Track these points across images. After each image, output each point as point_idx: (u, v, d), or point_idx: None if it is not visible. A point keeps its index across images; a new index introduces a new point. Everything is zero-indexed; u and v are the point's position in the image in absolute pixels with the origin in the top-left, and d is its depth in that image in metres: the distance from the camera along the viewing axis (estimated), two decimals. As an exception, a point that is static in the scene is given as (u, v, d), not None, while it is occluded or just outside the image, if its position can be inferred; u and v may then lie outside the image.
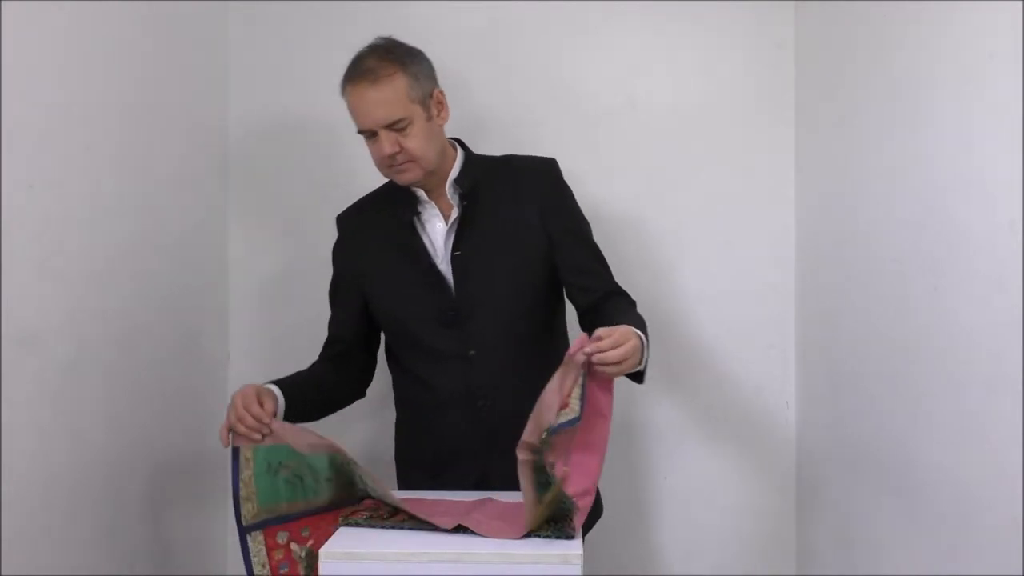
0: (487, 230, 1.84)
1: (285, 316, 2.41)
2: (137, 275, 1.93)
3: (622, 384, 1.88)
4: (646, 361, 1.65)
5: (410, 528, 1.59)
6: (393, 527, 1.60)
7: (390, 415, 2.02)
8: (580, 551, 1.51)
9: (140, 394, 1.92)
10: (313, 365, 1.91)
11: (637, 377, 1.68)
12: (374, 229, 1.90)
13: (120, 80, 1.87)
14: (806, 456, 2.36)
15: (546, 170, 1.90)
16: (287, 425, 1.69)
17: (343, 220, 1.97)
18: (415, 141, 1.77)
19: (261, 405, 1.64)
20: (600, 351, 1.52)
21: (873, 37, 1.91)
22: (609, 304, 1.82)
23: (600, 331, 1.55)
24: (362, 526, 1.62)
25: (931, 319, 1.65)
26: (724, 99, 2.38)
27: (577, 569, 1.48)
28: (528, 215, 1.85)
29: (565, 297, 1.93)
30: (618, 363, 1.54)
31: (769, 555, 2.41)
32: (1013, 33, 1.38)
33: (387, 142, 1.75)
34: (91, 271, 1.77)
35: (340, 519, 1.64)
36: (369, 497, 1.71)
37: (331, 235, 2.36)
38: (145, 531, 1.94)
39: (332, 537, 1.59)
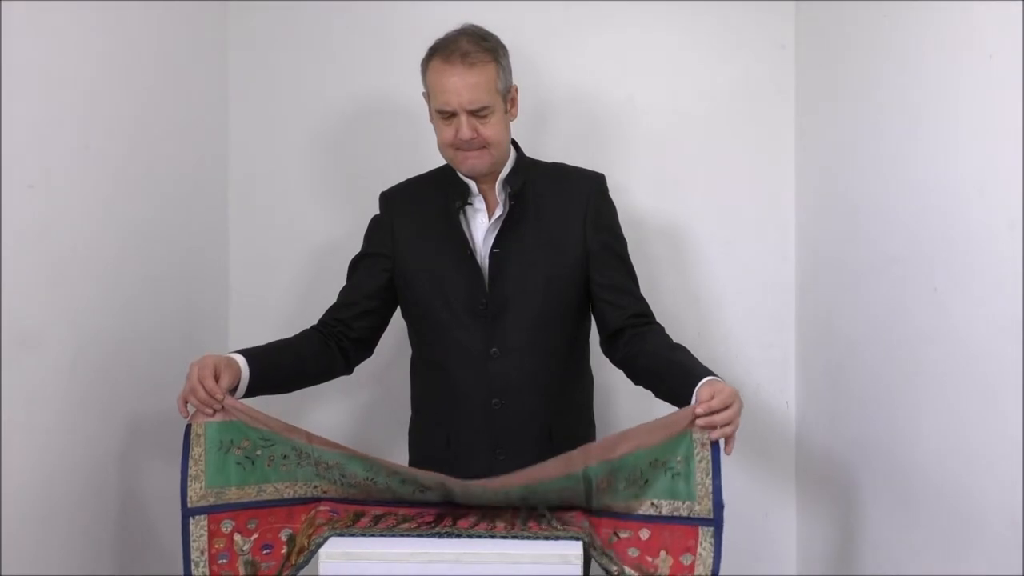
0: (529, 233, 1.84)
1: (286, 317, 2.41)
2: (137, 275, 1.93)
3: (619, 377, 1.89)
4: None
5: (382, 534, 1.59)
6: (365, 534, 1.60)
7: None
8: (580, 551, 1.51)
9: (140, 394, 1.92)
10: (302, 332, 1.88)
11: None
12: (418, 211, 1.91)
13: (120, 80, 1.87)
14: (806, 456, 2.36)
15: (594, 184, 1.91)
16: (241, 404, 1.66)
17: (388, 197, 1.96)
18: (492, 130, 1.79)
19: (217, 379, 1.61)
20: (711, 411, 1.56)
21: (873, 37, 1.91)
22: (654, 336, 1.83)
23: (704, 391, 1.59)
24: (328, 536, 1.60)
25: (931, 319, 1.65)
26: (724, 99, 2.38)
27: (577, 569, 1.48)
28: (571, 225, 1.86)
29: (591, 316, 1.94)
30: (727, 425, 1.58)
31: (769, 555, 2.41)
32: (1013, 33, 1.38)
33: (467, 126, 1.76)
34: (91, 271, 1.77)
35: (308, 541, 1.63)
36: (322, 499, 1.68)
37: (332, 235, 2.38)
38: (146, 531, 1.94)
39: (332, 539, 1.59)
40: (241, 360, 1.70)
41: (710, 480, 1.58)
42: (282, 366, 1.78)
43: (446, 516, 1.62)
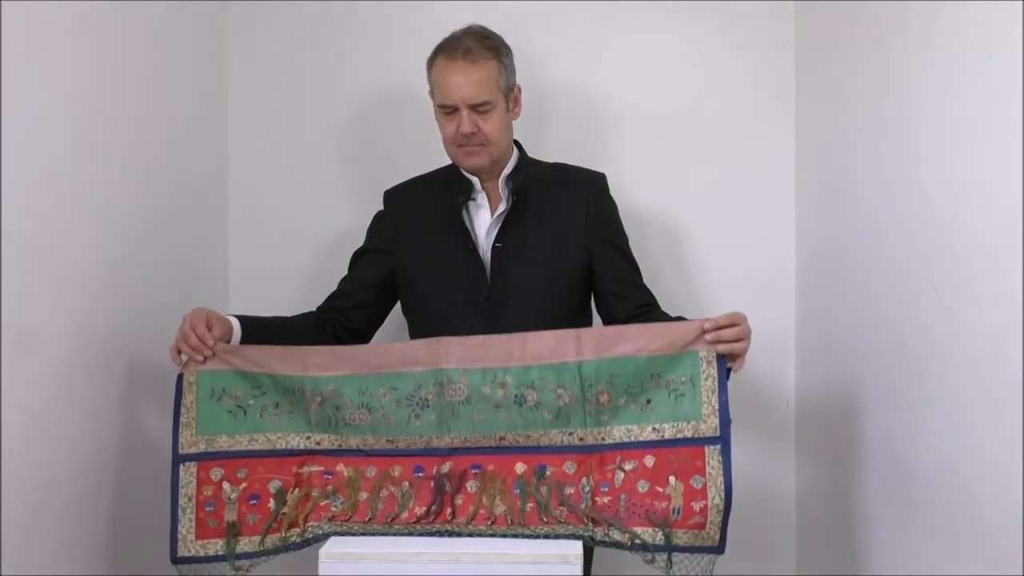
0: (531, 229, 1.87)
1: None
2: (137, 275, 1.93)
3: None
4: None
5: (382, 533, 1.60)
6: (365, 532, 1.61)
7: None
8: (580, 551, 1.51)
9: (140, 394, 1.92)
10: (301, 313, 1.92)
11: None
12: (422, 208, 1.93)
13: (120, 80, 1.87)
14: (806, 456, 2.36)
15: (595, 183, 1.94)
16: (232, 347, 1.70)
17: (391, 195, 1.99)
18: (492, 126, 1.82)
19: (210, 328, 1.67)
20: (719, 326, 1.60)
21: (873, 37, 1.91)
22: (659, 315, 1.85)
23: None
24: (327, 533, 1.63)
25: (931, 319, 1.65)
26: (724, 99, 2.38)
27: (577, 569, 1.49)
28: (573, 223, 1.88)
29: (594, 312, 1.96)
30: (737, 340, 1.62)
31: (769, 555, 2.41)
32: (1013, 33, 1.38)
33: (468, 121, 1.80)
34: (91, 271, 1.77)
35: (305, 526, 1.64)
36: (315, 453, 1.69)
37: (332, 235, 2.38)
38: (147, 530, 1.94)
39: (332, 539, 1.59)
40: (235, 321, 1.75)
41: (716, 397, 1.58)
42: (274, 338, 1.80)
43: (445, 505, 1.62)
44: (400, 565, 1.50)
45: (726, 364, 1.63)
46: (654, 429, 1.61)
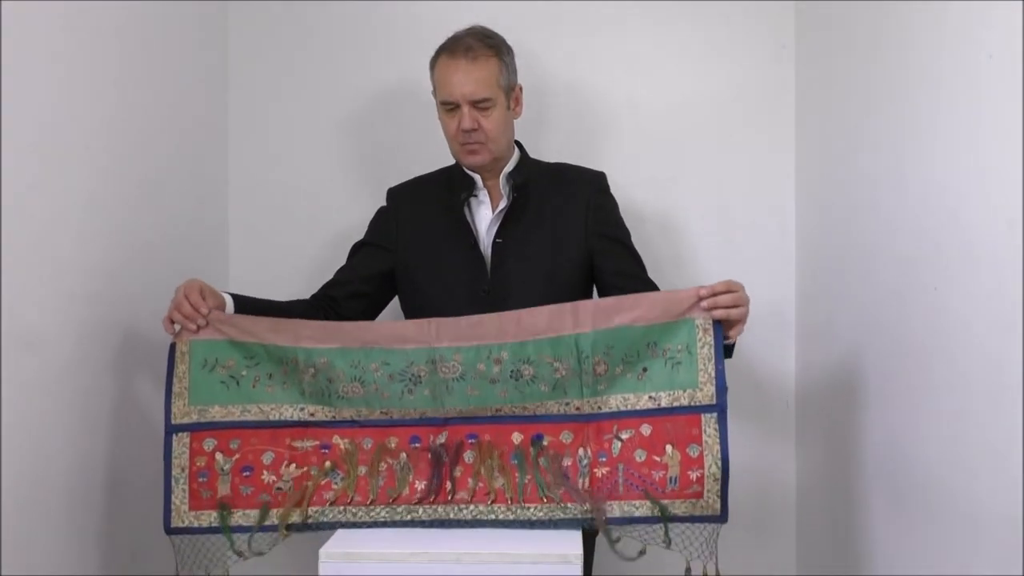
0: (531, 225, 1.89)
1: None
2: (137, 275, 1.93)
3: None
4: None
5: (384, 524, 1.61)
6: (371, 524, 1.62)
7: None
8: (580, 551, 1.51)
9: (140, 394, 1.92)
10: (293, 299, 1.94)
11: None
12: (424, 205, 1.96)
13: (120, 80, 1.87)
14: (806, 456, 2.36)
15: (595, 182, 1.96)
16: (226, 316, 1.70)
17: (395, 193, 2.02)
18: (493, 123, 1.84)
19: (204, 298, 1.68)
20: (715, 293, 1.61)
21: (873, 38, 1.91)
22: None
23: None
24: (332, 522, 1.62)
25: (931, 319, 1.65)
26: (724, 99, 2.38)
27: (577, 569, 1.48)
28: (572, 221, 1.90)
29: None
30: (733, 306, 1.63)
31: (769, 554, 2.41)
32: (1012, 33, 1.38)
33: (468, 117, 1.82)
34: (91, 271, 1.77)
35: (307, 509, 1.64)
36: (309, 425, 1.68)
37: (331, 237, 2.37)
38: (147, 530, 1.94)
39: (332, 538, 1.59)
40: (228, 297, 1.77)
41: (712, 365, 1.59)
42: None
43: (444, 478, 1.62)
44: (400, 565, 1.50)
45: (723, 332, 1.63)
46: (651, 398, 1.62)
